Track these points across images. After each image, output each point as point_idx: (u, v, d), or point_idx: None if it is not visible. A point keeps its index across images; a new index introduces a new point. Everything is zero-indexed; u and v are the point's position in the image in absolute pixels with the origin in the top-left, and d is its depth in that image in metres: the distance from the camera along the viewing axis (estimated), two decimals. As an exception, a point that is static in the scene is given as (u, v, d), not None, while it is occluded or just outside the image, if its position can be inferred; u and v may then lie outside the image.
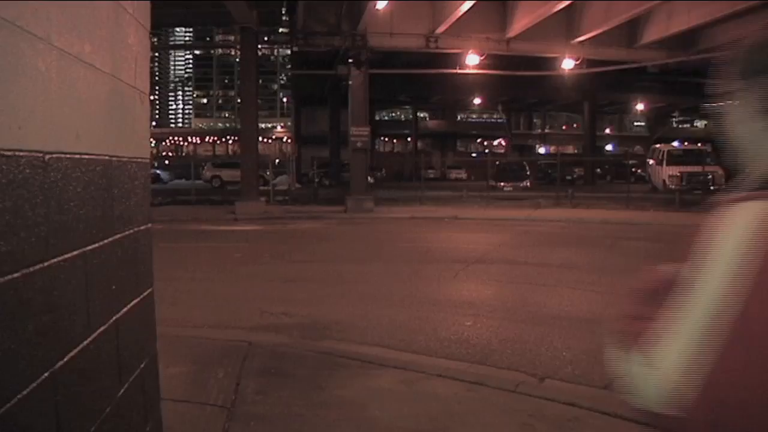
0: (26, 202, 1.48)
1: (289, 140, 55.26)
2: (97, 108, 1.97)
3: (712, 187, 24.55)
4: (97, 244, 1.92)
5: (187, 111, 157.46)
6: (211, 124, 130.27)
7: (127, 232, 2.24)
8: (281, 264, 10.28)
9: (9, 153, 1.39)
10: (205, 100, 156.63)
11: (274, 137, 77.53)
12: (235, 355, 5.08)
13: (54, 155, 1.63)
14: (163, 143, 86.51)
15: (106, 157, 2.03)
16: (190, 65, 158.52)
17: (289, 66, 45.89)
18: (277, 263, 10.36)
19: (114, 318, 2.05)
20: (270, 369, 4.79)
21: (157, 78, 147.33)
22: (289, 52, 37.03)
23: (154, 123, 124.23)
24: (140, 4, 2.41)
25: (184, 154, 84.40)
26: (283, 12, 26.46)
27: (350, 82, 22.50)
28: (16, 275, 1.42)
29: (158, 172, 44.35)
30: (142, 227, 2.45)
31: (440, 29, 22.59)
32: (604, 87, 38.16)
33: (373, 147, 49.14)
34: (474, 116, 73.89)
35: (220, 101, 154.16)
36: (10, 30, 1.40)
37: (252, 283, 8.10)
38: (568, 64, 24.68)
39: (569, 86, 33.15)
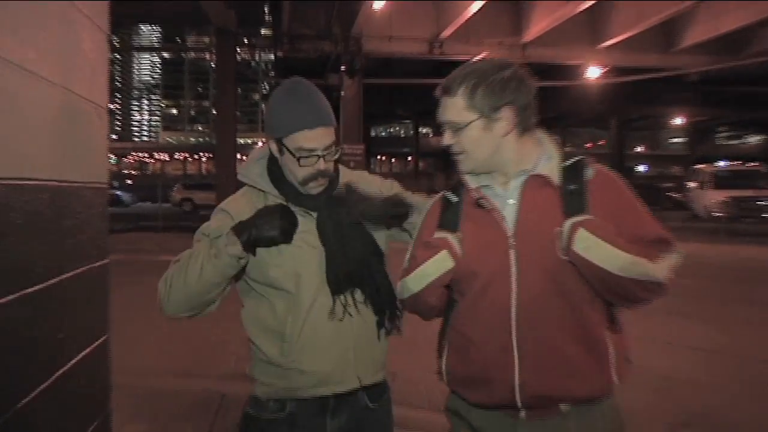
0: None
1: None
2: (43, 125, 1.94)
3: (766, 215, 23.96)
4: (41, 286, 1.88)
5: (153, 123, 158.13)
6: (182, 138, 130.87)
7: (79, 270, 2.20)
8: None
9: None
10: (174, 111, 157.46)
11: (254, 154, 77.26)
12: (205, 410, 5.02)
13: (-9, 181, 1.60)
14: (125, 160, 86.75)
15: (55, 183, 2.00)
16: (158, 70, 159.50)
17: (273, 73, 46.11)
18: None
19: (59, 372, 2.01)
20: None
21: (118, 84, 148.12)
22: (272, 57, 37.31)
23: (114, 136, 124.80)
24: (96, 3, 2.39)
25: (149, 172, 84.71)
26: (266, 12, 26.73)
27: (342, 93, 22.64)
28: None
29: (118, 193, 44.39)
30: (98, 263, 2.41)
31: (446, 33, 22.79)
32: (635, 98, 38.30)
33: (369, 167, 49.31)
34: (484, 132, 74.38)
35: (192, 112, 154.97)
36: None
37: (228, 325, 7.95)
38: (593, 72, 24.88)
39: (594, 98, 33.39)
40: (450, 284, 1.95)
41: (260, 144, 2.25)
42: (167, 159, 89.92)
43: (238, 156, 24.07)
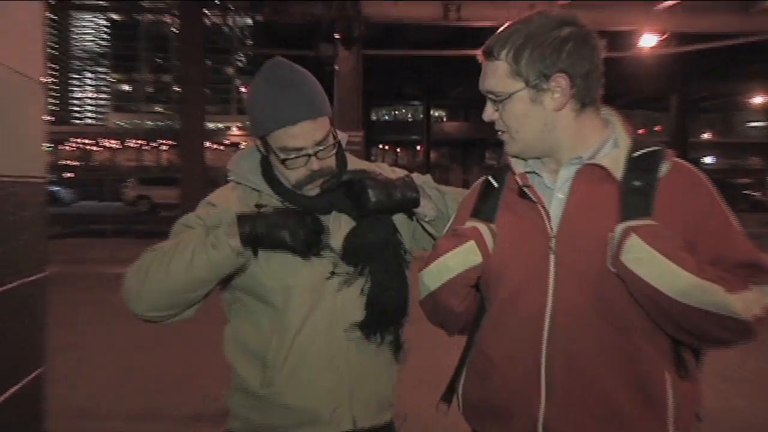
0: None
1: (247, 146, 55.54)
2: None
3: None
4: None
5: (100, 102, 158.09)
6: (137, 121, 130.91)
7: (8, 286, 2.19)
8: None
9: None
10: (127, 87, 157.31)
11: (228, 142, 77.78)
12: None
13: None
14: (63, 147, 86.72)
15: (-22, 177, 2.00)
16: (105, 36, 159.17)
17: (251, 42, 46.07)
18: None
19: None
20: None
21: (54, 53, 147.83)
22: (249, 22, 37.29)
23: (51, 118, 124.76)
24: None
25: (94, 163, 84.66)
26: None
27: (336, 68, 22.61)
28: None
29: (56, 188, 44.40)
30: (34, 277, 2.41)
31: (465, -8, 22.76)
32: (702, 73, 38.20)
33: (368, 157, 49.31)
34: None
35: (149, 89, 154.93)
36: None
37: (196, 352, 8.00)
38: (648, 40, 24.81)
39: (650, 73, 33.29)
40: (480, 288, 1.92)
41: (234, 129, 2.21)
42: (118, 147, 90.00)
43: (207, 144, 24.11)
